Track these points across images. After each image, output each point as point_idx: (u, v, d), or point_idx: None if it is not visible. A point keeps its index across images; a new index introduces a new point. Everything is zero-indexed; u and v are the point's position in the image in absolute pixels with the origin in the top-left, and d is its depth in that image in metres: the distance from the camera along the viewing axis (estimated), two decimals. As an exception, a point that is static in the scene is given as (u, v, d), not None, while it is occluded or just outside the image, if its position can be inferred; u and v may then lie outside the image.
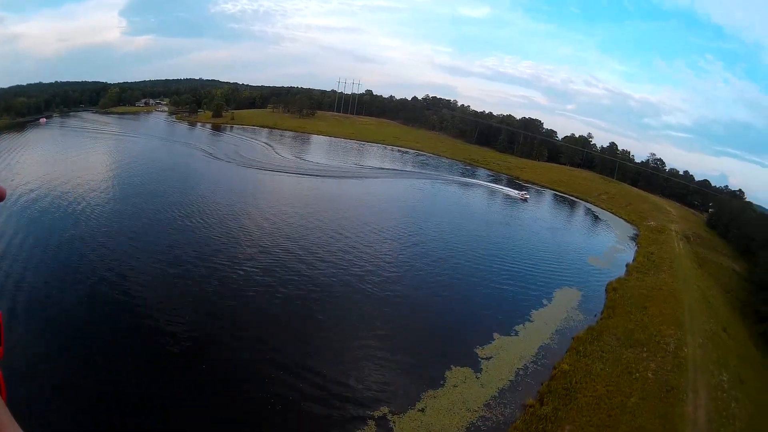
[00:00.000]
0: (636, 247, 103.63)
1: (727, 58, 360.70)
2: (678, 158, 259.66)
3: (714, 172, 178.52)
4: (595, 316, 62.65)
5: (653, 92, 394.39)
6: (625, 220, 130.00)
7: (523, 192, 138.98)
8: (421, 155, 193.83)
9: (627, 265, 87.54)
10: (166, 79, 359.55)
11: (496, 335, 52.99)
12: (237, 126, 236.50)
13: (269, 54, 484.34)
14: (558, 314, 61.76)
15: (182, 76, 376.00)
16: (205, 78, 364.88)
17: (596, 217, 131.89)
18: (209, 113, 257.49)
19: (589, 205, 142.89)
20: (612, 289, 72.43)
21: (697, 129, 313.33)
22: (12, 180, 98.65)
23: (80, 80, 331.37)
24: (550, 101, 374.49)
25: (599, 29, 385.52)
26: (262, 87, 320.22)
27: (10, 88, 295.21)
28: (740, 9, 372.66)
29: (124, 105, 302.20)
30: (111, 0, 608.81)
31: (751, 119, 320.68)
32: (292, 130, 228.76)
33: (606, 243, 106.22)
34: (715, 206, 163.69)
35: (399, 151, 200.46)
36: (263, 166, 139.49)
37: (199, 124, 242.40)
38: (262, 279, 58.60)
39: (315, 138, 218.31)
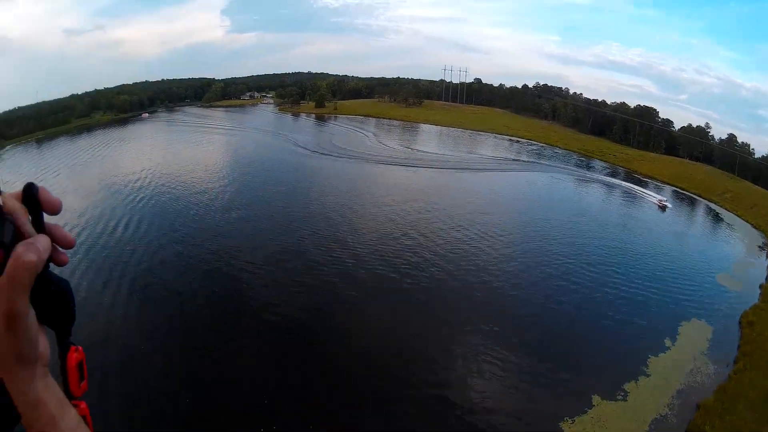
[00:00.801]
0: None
1: None
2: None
3: None
4: (728, 366, 50.49)
5: (765, 80, 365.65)
6: (751, 225, 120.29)
7: (662, 198, 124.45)
8: (533, 145, 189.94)
9: (761, 287, 74.99)
10: (272, 74, 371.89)
11: (595, 398, 42.32)
12: (341, 116, 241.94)
13: (375, 46, 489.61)
14: (682, 363, 49.74)
15: (288, 70, 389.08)
16: (311, 71, 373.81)
17: (720, 220, 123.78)
18: (312, 104, 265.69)
19: (712, 205, 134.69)
20: (747, 323, 60.86)
21: None
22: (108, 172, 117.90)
23: (186, 77, 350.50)
24: (662, 90, 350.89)
25: (704, 13, 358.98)
26: (369, 78, 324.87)
27: (116, 87, 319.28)
28: None
29: (229, 99, 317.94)
30: (211, 1, 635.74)
31: None
32: (398, 119, 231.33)
33: (735, 255, 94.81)
34: None
35: (510, 140, 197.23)
36: (371, 157, 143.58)
37: (303, 114, 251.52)
38: (381, 269, 63.57)
39: (423, 127, 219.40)
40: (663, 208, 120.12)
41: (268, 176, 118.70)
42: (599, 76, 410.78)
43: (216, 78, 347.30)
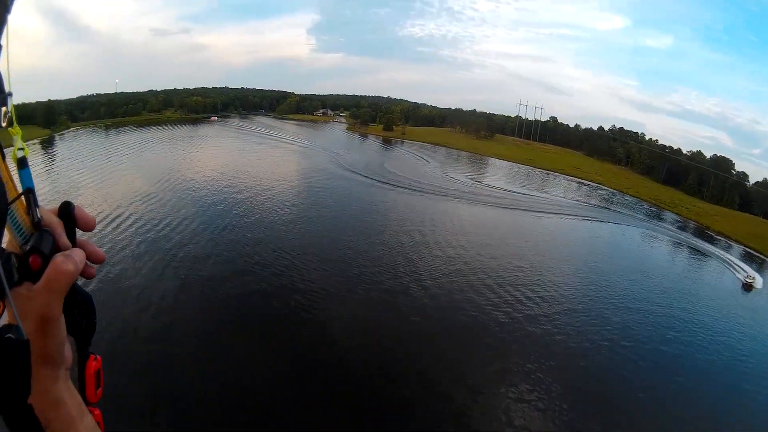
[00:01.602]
0: None
1: None
2: None
3: None
4: None
5: None
6: None
7: (749, 276, 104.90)
8: (602, 189, 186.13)
9: None
10: (351, 95, 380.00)
11: None
12: (408, 141, 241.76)
13: (457, 78, 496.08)
14: None
15: (366, 93, 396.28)
16: (390, 96, 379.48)
17: None
18: (380, 126, 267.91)
19: None
20: None
21: None
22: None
23: (266, 88, 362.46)
24: (736, 143, 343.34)
25: None
26: (445, 108, 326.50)
27: (195, 89, 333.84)
28: None
29: (302, 113, 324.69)
30: (297, 19, 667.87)
31: None
32: (466, 150, 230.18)
33: None
34: None
35: (579, 182, 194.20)
36: (434, 190, 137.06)
37: (371, 136, 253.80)
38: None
39: (491, 161, 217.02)
40: (748, 287, 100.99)
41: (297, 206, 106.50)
42: (675, 126, 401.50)
43: (297, 92, 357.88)
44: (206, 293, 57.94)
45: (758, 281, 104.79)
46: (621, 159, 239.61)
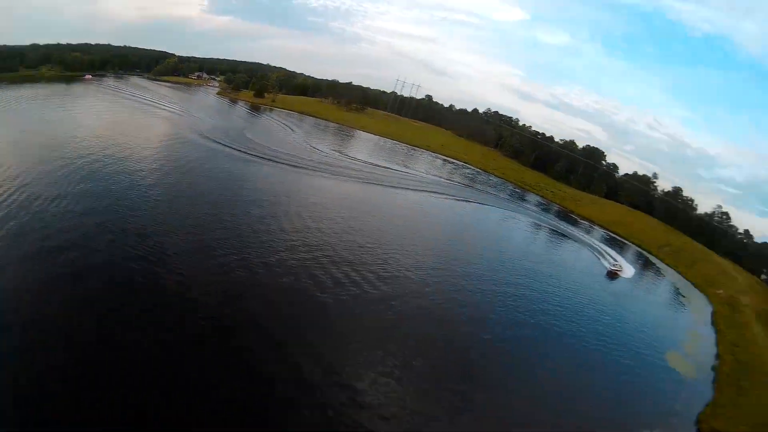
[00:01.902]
0: (715, 334, 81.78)
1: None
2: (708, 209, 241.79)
3: (757, 234, 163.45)
4: None
5: (711, 144, 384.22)
6: (692, 283, 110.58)
7: (616, 265, 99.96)
8: (468, 168, 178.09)
9: (714, 369, 65.14)
10: (234, 60, 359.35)
11: None
12: (277, 109, 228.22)
13: (345, 52, 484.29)
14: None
15: (252, 60, 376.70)
16: (272, 64, 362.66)
17: (661, 276, 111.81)
18: (251, 93, 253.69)
19: (653, 259, 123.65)
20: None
21: (748, 187, 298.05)
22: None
23: (150, 48, 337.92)
24: (610, 138, 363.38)
25: (670, 72, 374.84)
26: (323, 80, 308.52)
27: (79, 45, 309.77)
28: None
29: (178, 75, 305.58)
30: None
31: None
32: (334, 122, 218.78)
33: (683, 325, 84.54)
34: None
35: (445, 160, 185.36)
36: (295, 161, 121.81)
37: (240, 102, 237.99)
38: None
39: (359, 134, 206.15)
40: (614, 275, 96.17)
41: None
42: (552, 116, 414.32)
43: (180, 54, 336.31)
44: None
45: (627, 271, 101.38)
46: (491, 141, 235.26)
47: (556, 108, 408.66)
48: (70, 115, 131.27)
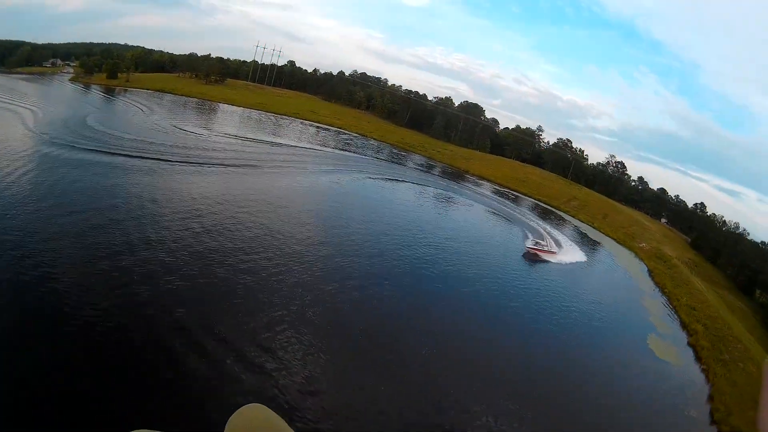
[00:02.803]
0: (666, 297, 76.44)
1: (661, 72, 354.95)
2: (597, 159, 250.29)
3: (635, 176, 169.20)
4: None
5: (582, 96, 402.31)
6: (613, 239, 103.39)
7: (540, 244, 76.86)
8: (344, 134, 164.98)
9: (692, 346, 59.15)
10: (91, 42, 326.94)
11: None
12: (132, 89, 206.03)
13: (202, 25, 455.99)
14: None
15: (109, 41, 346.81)
16: (129, 43, 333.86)
17: (584, 235, 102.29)
18: (104, 75, 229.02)
19: (565, 216, 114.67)
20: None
21: (623, 134, 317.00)
22: None
23: (5, 39, 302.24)
24: (476, 95, 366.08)
25: (536, 31, 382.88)
26: (180, 54, 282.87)
27: None
28: (682, 27, 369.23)
29: (32, 65, 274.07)
30: None
31: (678, 131, 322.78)
32: (195, 97, 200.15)
33: (636, 296, 74.86)
34: (698, 227, 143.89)
35: (318, 127, 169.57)
36: (146, 148, 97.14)
37: (94, 86, 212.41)
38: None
39: (222, 107, 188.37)
40: (532, 255, 73.49)
41: None
42: (417, 76, 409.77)
43: (36, 42, 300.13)
44: None
45: (550, 246, 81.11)
46: (362, 103, 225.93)
47: (421, 68, 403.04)
48: None
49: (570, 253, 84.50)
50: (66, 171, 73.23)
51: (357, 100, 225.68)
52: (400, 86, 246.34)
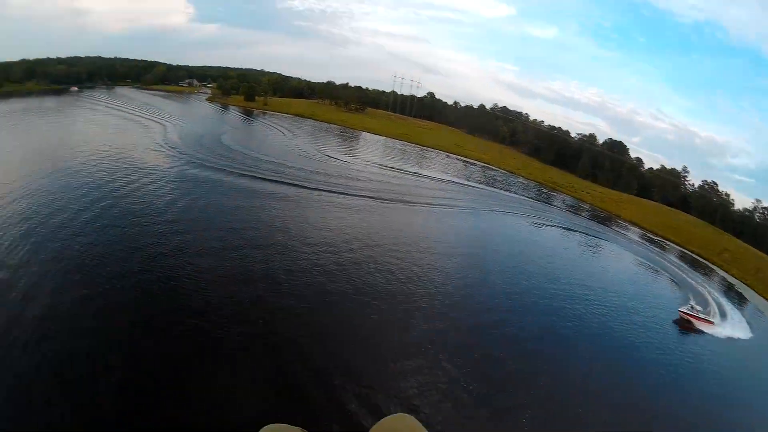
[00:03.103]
0: None
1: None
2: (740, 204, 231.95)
3: None
4: None
5: (719, 131, 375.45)
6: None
7: (695, 310, 67.11)
8: (492, 170, 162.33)
9: None
10: (228, 67, 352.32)
11: None
12: (270, 112, 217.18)
13: (334, 55, 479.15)
14: None
15: (242, 65, 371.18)
16: (270, 70, 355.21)
17: (741, 297, 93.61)
18: (241, 97, 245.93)
19: (717, 270, 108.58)
20: None
21: (760, 174, 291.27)
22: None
23: (140, 58, 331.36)
24: (616, 132, 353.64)
25: (664, 61, 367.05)
26: (317, 83, 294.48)
27: (68, 58, 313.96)
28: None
29: (168, 84, 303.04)
30: None
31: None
32: (335, 124, 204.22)
33: None
34: None
35: (465, 162, 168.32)
36: (287, 173, 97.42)
37: (232, 107, 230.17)
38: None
39: (364, 135, 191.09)
40: (683, 322, 65.07)
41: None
42: (554, 111, 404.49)
43: (169, 63, 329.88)
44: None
45: (711, 316, 69.85)
46: (505, 138, 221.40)
47: (558, 102, 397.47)
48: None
49: (731, 325, 71.09)
50: (191, 187, 78.06)
51: (501, 135, 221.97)
52: (542, 121, 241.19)
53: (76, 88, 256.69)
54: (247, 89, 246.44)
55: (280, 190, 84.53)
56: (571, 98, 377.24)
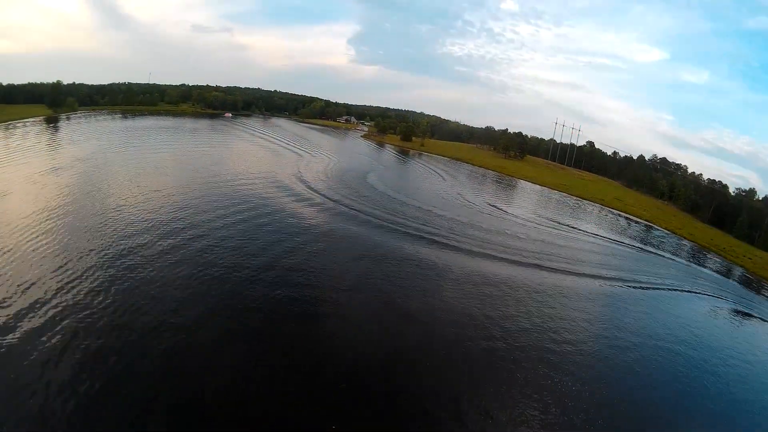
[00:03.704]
0: None
1: None
2: None
3: None
4: None
5: None
6: None
7: None
8: (656, 230, 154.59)
9: None
10: (385, 107, 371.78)
11: None
12: (427, 154, 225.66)
13: (494, 101, 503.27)
14: None
15: (404, 108, 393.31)
16: (428, 113, 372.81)
17: None
18: (398, 136, 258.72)
19: None
20: None
21: None
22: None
23: (300, 93, 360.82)
24: (766, 184, 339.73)
25: None
26: (476, 128, 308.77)
27: (228, 87, 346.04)
28: None
29: (325, 119, 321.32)
30: (339, 27, 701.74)
31: None
32: (492, 170, 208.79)
33: None
34: None
35: (627, 219, 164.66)
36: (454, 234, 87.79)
37: (388, 146, 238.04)
38: None
39: (522, 184, 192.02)
40: None
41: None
42: (706, 163, 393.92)
43: (330, 100, 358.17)
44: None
45: None
46: (664, 193, 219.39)
47: (710, 153, 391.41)
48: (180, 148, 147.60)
49: None
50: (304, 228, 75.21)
51: (659, 190, 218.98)
52: (700, 174, 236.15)
53: (230, 115, 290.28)
54: (404, 129, 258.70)
55: (425, 250, 74.10)
56: (723, 148, 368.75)
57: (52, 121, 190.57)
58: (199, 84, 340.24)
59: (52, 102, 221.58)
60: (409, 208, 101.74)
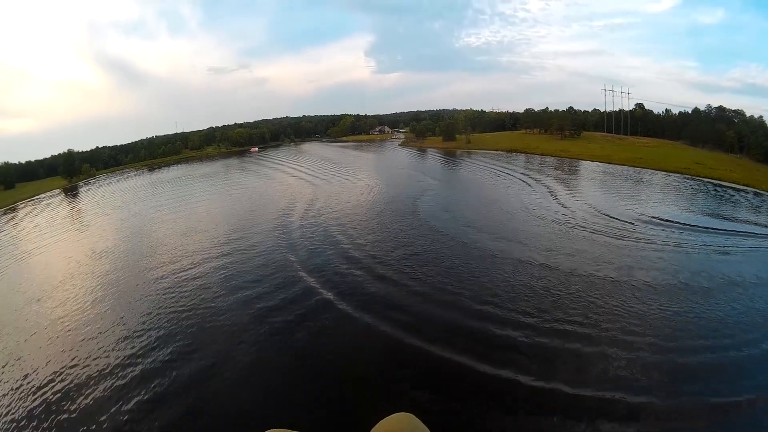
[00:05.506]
0: None
1: None
2: None
3: None
4: None
5: None
6: None
7: None
8: (762, 194, 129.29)
9: None
10: (416, 111, 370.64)
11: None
12: (475, 150, 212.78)
13: (520, 83, 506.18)
14: None
15: (435, 108, 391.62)
16: (456, 108, 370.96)
17: None
18: (439, 138, 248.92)
19: None
20: None
21: None
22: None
23: (328, 114, 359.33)
24: None
25: None
26: (516, 112, 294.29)
27: (256, 122, 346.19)
28: None
29: (357, 134, 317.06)
30: (353, 42, 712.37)
31: None
32: (552, 155, 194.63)
33: None
34: None
35: (735, 189, 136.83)
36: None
37: (430, 150, 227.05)
38: None
39: (586, 165, 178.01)
40: None
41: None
42: (742, 102, 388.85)
43: (359, 114, 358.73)
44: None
45: None
46: (734, 145, 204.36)
47: (742, 93, 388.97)
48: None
49: None
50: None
51: (728, 143, 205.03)
52: (761, 116, 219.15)
53: (255, 149, 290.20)
54: (444, 128, 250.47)
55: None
56: (755, 84, 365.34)
57: (69, 191, 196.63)
58: (227, 124, 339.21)
59: (66, 171, 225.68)
60: (521, 270, 58.75)
